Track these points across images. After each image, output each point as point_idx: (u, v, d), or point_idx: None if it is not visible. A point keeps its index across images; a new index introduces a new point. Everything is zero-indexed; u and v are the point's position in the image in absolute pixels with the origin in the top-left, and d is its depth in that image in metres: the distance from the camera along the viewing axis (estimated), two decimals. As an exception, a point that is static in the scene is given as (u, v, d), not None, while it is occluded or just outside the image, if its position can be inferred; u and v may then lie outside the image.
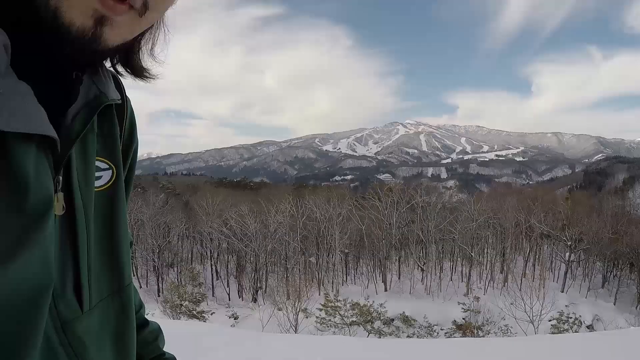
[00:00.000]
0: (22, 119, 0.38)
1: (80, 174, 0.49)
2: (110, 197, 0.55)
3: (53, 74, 0.48)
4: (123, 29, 0.46)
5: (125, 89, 0.62)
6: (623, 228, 35.39)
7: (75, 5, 0.41)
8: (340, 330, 18.62)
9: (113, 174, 0.55)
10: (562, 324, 19.55)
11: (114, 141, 0.56)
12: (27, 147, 0.39)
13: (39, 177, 0.41)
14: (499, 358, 4.29)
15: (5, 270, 0.37)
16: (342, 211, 32.09)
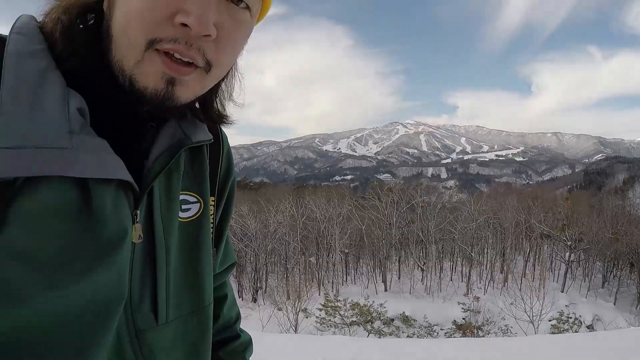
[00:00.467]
0: (97, 167, 0.47)
1: (163, 207, 0.58)
2: (196, 227, 0.63)
3: (134, 126, 0.56)
4: (193, 86, 0.54)
5: (222, 135, 0.72)
6: (623, 228, 35.38)
7: (147, 72, 0.50)
8: (340, 330, 18.62)
9: (200, 207, 0.64)
10: (562, 324, 19.55)
11: (204, 178, 0.65)
12: (105, 188, 0.49)
13: (116, 211, 0.50)
14: (499, 358, 4.29)
15: (77, 286, 0.46)
16: (342, 211, 32.08)
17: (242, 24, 0.55)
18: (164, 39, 0.49)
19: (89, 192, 0.48)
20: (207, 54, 0.52)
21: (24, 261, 0.43)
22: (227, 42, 0.53)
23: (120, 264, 0.51)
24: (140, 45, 0.49)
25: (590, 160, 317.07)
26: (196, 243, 0.64)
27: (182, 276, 0.61)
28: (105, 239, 0.49)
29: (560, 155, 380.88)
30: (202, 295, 0.65)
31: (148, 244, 0.56)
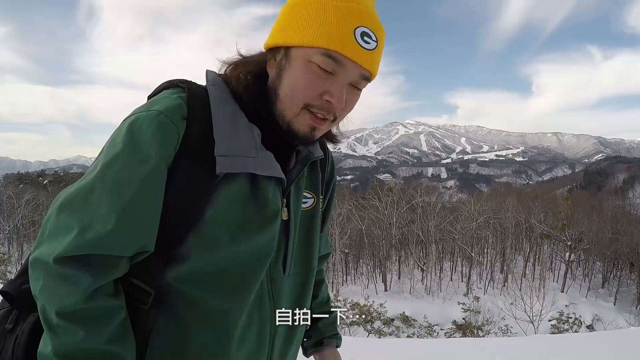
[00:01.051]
0: (268, 169, 0.78)
1: (294, 198, 0.87)
2: (310, 214, 0.94)
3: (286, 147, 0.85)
4: (324, 130, 0.83)
5: (328, 150, 1.02)
6: (623, 228, 35.37)
7: (301, 122, 0.79)
8: (340, 330, 18.64)
9: (314, 201, 0.95)
10: (562, 324, 19.52)
11: (317, 181, 0.95)
12: (269, 183, 0.80)
13: (274, 198, 0.81)
14: (499, 358, 4.29)
15: (252, 242, 0.77)
16: (342, 211, 32.07)
17: (356, 97, 0.83)
18: (315, 106, 0.78)
19: (258, 184, 0.78)
20: (336, 113, 0.80)
21: (219, 225, 0.75)
22: (348, 107, 0.82)
23: (273, 231, 0.81)
24: (299, 106, 0.78)
25: (590, 160, 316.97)
26: (311, 225, 0.94)
27: (300, 246, 0.91)
28: (267, 215, 0.80)
29: (560, 155, 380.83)
30: (311, 260, 0.94)
31: (287, 221, 0.86)
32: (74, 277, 0.66)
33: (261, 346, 0.83)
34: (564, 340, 5.68)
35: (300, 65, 0.76)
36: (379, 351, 4.55)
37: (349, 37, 0.74)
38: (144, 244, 0.71)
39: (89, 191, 0.68)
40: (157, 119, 0.71)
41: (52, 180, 49.13)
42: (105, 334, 0.68)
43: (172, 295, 0.75)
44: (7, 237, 32.56)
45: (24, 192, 34.97)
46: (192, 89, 0.77)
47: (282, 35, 0.78)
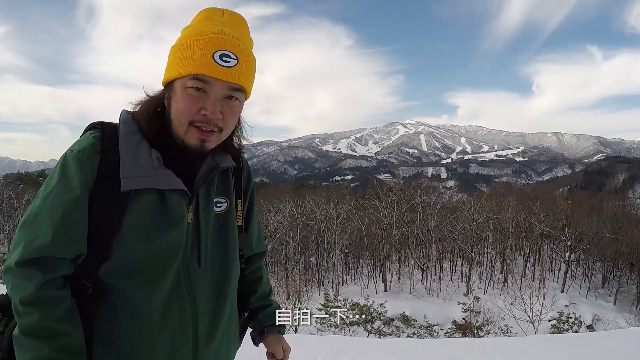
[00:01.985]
0: (168, 184, 0.98)
1: (204, 204, 1.07)
2: (225, 216, 1.12)
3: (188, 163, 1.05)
4: (214, 141, 1.02)
5: (242, 159, 1.21)
6: (623, 228, 35.36)
7: (190, 137, 0.99)
8: (340, 331, 18.61)
9: (227, 205, 1.13)
10: (562, 324, 19.51)
11: (229, 187, 1.14)
12: (173, 194, 1.00)
13: (179, 206, 1.01)
14: (499, 358, 4.29)
15: (161, 241, 0.98)
16: (342, 211, 32.04)
17: (234, 107, 1.02)
18: (197, 120, 0.98)
19: (165, 196, 0.99)
20: (219, 125, 1.00)
21: (134, 229, 0.96)
22: (227, 118, 1.01)
23: (179, 231, 1.01)
24: (185, 125, 0.99)
25: (590, 160, 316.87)
26: (225, 225, 1.12)
27: (214, 242, 1.08)
28: (172, 219, 1.00)
29: (560, 155, 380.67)
30: (227, 254, 1.11)
31: (196, 223, 1.05)
32: (29, 274, 0.91)
33: (184, 327, 1.02)
34: (564, 340, 5.68)
35: (179, 92, 0.98)
36: (379, 351, 4.55)
37: (209, 61, 0.95)
38: (77, 249, 0.94)
39: (35, 214, 0.94)
40: (77, 157, 0.95)
41: (52, 180, 48.97)
42: (54, 316, 0.90)
43: (105, 287, 0.96)
44: (7, 237, 32.53)
45: (24, 192, 34.93)
46: (105, 129, 1.01)
47: (167, 74, 1.01)
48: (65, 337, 0.90)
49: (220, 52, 0.95)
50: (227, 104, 0.99)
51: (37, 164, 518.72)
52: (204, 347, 1.05)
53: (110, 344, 0.97)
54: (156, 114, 1.03)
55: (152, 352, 0.98)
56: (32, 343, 0.88)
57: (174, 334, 1.00)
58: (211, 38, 0.96)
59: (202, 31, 0.98)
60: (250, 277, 1.31)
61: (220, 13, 1.02)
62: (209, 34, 0.97)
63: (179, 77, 0.97)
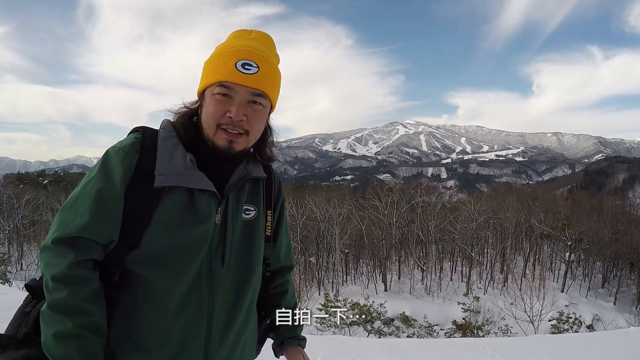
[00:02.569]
0: (198, 184, 1.06)
1: (233, 209, 1.14)
2: (252, 224, 1.19)
3: (220, 168, 1.13)
4: (242, 143, 1.10)
5: (273, 172, 1.28)
6: (623, 228, 35.35)
7: (218, 139, 1.08)
8: (340, 331, 18.60)
9: (256, 213, 1.20)
10: (562, 324, 19.50)
11: (259, 196, 1.22)
12: (203, 194, 1.08)
13: (207, 206, 1.08)
14: (499, 358, 4.29)
15: (186, 236, 1.05)
16: (342, 211, 32.03)
17: (258, 112, 1.11)
18: (223, 123, 1.07)
19: (194, 195, 1.07)
20: (244, 127, 1.09)
21: (162, 225, 1.03)
22: (252, 121, 1.10)
23: (205, 230, 1.08)
24: (214, 127, 1.08)
25: (590, 160, 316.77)
26: (251, 232, 1.18)
27: (239, 246, 1.14)
28: (199, 217, 1.07)
29: (560, 155, 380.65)
30: (251, 259, 1.17)
31: (223, 225, 1.11)
32: (64, 252, 0.98)
33: (199, 321, 1.07)
34: (564, 340, 5.68)
35: (208, 98, 1.09)
36: (379, 351, 4.55)
37: (232, 69, 1.06)
38: (110, 234, 1.02)
39: (75, 198, 1.03)
40: (118, 153, 1.06)
41: (52, 180, 48.99)
42: (81, 294, 0.96)
43: (130, 275, 1.03)
44: (7, 237, 32.53)
45: (24, 192, 34.93)
46: (146, 132, 1.11)
47: (200, 85, 1.12)
48: (89, 315, 0.96)
49: (243, 61, 1.07)
50: (251, 108, 1.09)
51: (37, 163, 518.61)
52: (216, 344, 1.09)
53: (126, 329, 1.03)
54: (192, 121, 1.14)
55: (164, 340, 1.03)
56: (58, 318, 0.94)
57: (188, 326, 1.05)
58: (235, 50, 1.09)
59: (229, 46, 1.11)
60: (275, 290, 1.36)
61: (248, 32, 1.16)
62: (234, 47, 1.09)
63: (208, 86, 1.09)
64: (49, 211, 34.32)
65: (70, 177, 51.96)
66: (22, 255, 30.23)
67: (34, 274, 21.05)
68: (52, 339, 0.93)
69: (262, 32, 1.17)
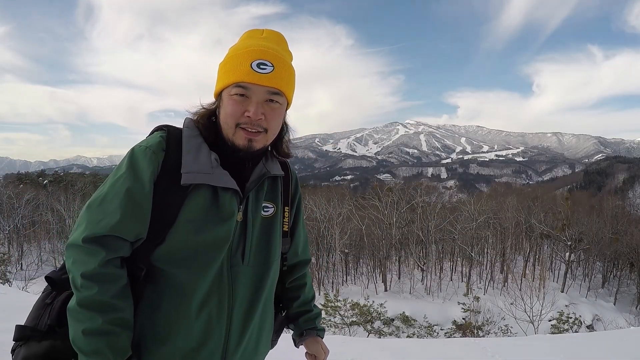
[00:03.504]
0: (222, 182, 1.08)
1: (253, 206, 1.16)
2: (271, 220, 1.21)
3: (241, 166, 1.15)
4: (261, 141, 1.12)
5: (290, 169, 1.31)
6: (623, 228, 35.34)
7: (238, 137, 1.09)
8: (340, 331, 18.60)
9: (274, 210, 1.22)
10: (562, 324, 19.49)
11: (277, 194, 1.23)
12: (226, 193, 1.10)
13: (230, 204, 1.10)
14: (499, 358, 4.29)
15: (211, 234, 1.07)
16: (342, 211, 32.03)
17: (276, 110, 1.12)
18: (242, 122, 1.09)
19: (218, 193, 1.09)
20: (263, 125, 1.10)
21: (188, 222, 1.05)
22: (270, 119, 1.11)
23: (228, 227, 1.10)
24: (233, 127, 1.10)
25: (590, 160, 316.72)
26: (270, 228, 1.21)
27: (259, 242, 1.17)
28: (223, 216, 1.09)
29: (560, 155, 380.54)
30: (269, 255, 1.19)
31: (244, 223, 1.14)
32: (94, 251, 0.99)
33: (220, 315, 1.10)
34: (564, 340, 5.68)
35: (226, 99, 1.10)
36: (379, 351, 4.55)
37: (248, 69, 1.08)
38: (139, 232, 1.04)
39: (103, 196, 1.04)
40: (145, 152, 1.07)
41: (52, 180, 48.97)
42: (111, 291, 0.99)
43: (155, 271, 1.06)
44: (7, 237, 32.52)
45: (24, 192, 34.92)
46: (170, 131, 1.13)
47: (217, 87, 1.14)
48: (118, 311, 0.99)
49: (258, 61, 1.08)
50: (269, 107, 1.10)
51: (37, 163, 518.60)
52: (236, 337, 1.13)
53: (150, 323, 1.06)
54: (211, 122, 1.16)
55: (187, 333, 1.07)
56: (88, 315, 0.97)
57: (209, 319, 1.08)
58: (250, 50, 1.10)
59: (243, 46, 1.12)
60: (294, 283, 1.40)
61: (260, 32, 1.17)
62: (249, 48, 1.11)
63: (225, 87, 1.11)
64: (49, 211, 34.34)
65: (70, 177, 51.96)
66: (22, 255, 30.24)
67: (34, 273, 21.03)
68: (82, 335, 0.95)
69: (274, 31, 1.18)
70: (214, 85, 1.17)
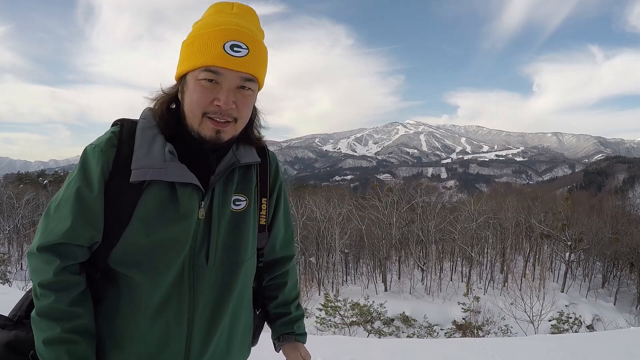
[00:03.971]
0: (178, 177, 0.98)
1: (219, 201, 1.05)
2: (242, 215, 1.09)
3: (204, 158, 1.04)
4: (230, 132, 1.02)
5: (269, 155, 1.18)
6: (623, 228, 35.36)
7: (205, 128, 0.99)
8: (340, 331, 18.59)
9: (247, 203, 1.10)
10: (562, 324, 19.49)
11: (250, 185, 1.11)
12: (185, 188, 1.00)
13: (190, 199, 1.00)
14: (499, 358, 4.29)
15: (167, 233, 0.99)
16: (342, 211, 32.03)
17: (247, 97, 1.02)
18: (210, 112, 0.98)
19: (176, 189, 0.99)
20: (233, 115, 1.00)
21: (141, 222, 0.98)
22: (241, 107, 1.01)
23: (187, 225, 1.00)
24: (199, 116, 0.99)
25: (590, 160, 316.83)
26: (241, 224, 1.09)
27: (227, 240, 1.06)
28: (181, 213, 1.00)
29: (560, 155, 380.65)
30: (239, 253, 1.08)
31: (208, 220, 1.03)
32: (49, 259, 0.96)
33: (179, 319, 1.02)
34: (564, 340, 5.68)
35: (192, 84, 0.98)
36: (379, 351, 4.55)
37: (220, 52, 0.96)
38: (93, 236, 0.99)
39: (58, 202, 1.00)
40: (94, 150, 1.00)
41: (52, 180, 48.98)
42: (68, 299, 0.96)
43: (112, 273, 1.01)
44: (7, 237, 32.55)
45: (24, 192, 34.96)
46: (124, 125, 1.04)
47: (179, 68, 1.02)
48: (77, 319, 0.96)
49: (231, 43, 0.96)
50: (240, 94, 1.00)
51: (37, 163, 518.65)
52: (198, 344, 1.04)
53: (108, 327, 1.01)
54: (171, 109, 1.05)
55: (143, 338, 1.01)
56: (47, 324, 0.94)
57: (167, 327, 1.01)
58: (221, 29, 0.97)
59: (213, 24, 0.99)
60: (272, 281, 1.27)
61: (230, 6, 1.03)
62: (219, 26, 0.98)
63: (191, 70, 0.98)
64: (49, 211, 34.33)
65: (70, 177, 51.89)
66: (22, 255, 30.22)
67: (34, 274, 21.02)
68: (43, 345, 0.93)
69: (245, 6, 1.06)
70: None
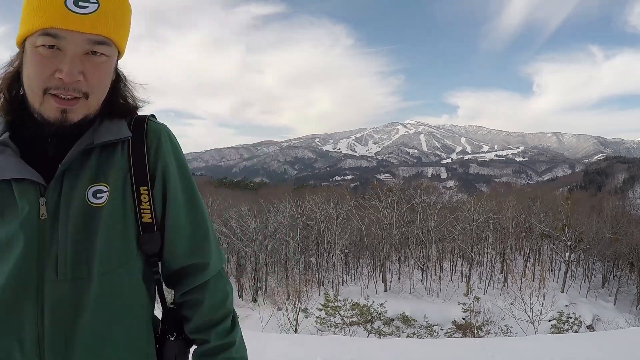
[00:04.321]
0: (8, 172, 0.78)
1: (67, 195, 0.80)
2: (105, 211, 0.82)
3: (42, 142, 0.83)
4: (80, 110, 0.80)
5: (149, 128, 0.90)
6: (623, 228, 35.38)
7: (47, 108, 0.78)
8: (340, 330, 18.60)
9: (110, 195, 0.83)
10: (562, 324, 19.51)
11: (115, 169, 0.85)
12: (19, 183, 0.78)
13: (25, 197, 0.78)
14: (499, 358, 4.29)
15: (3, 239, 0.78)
16: (342, 211, 32.04)
17: (100, 65, 0.80)
18: (51, 87, 0.77)
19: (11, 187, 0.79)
20: (81, 89, 0.79)
21: None
22: (93, 79, 0.79)
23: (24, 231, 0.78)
24: (40, 94, 0.78)
25: (590, 160, 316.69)
26: (102, 223, 0.82)
27: (83, 245, 0.81)
28: (13, 216, 0.78)
29: (560, 155, 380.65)
30: (101, 261, 0.82)
31: (53, 220, 0.79)
32: None
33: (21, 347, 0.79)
34: (564, 340, 5.68)
35: (29, 53, 0.78)
36: (379, 351, 4.55)
37: (60, 9, 0.75)
38: None
39: None
40: None
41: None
42: None
43: None
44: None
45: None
46: None
47: (19, 33, 0.81)
48: None
49: None
50: (90, 62, 0.78)
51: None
52: None
53: None
54: (12, 87, 0.84)
55: None
56: None
57: (9, 354, 0.79)
58: None
59: None
60: (184, 298, 0.94)
61: None
62: None
63: (29, 34, 0.78)
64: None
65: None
66: None
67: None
68: None
69: None
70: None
